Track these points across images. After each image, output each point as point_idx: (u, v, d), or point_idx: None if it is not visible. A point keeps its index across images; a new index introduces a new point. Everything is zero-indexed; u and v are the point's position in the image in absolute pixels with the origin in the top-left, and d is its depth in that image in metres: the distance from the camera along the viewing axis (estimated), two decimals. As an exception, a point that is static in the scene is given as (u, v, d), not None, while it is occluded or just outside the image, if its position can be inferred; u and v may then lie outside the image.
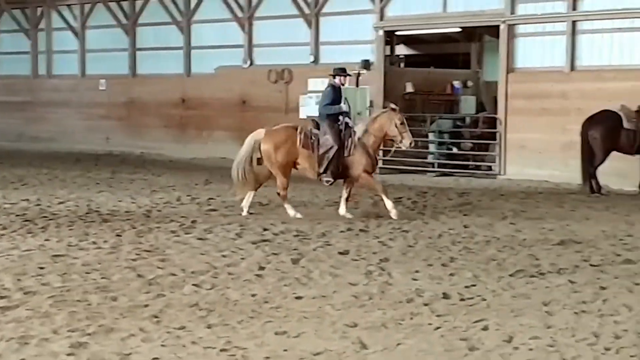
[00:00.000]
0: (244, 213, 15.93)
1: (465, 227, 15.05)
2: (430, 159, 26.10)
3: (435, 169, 25.52)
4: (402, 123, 15.68)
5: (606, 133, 19.97)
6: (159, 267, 11.09)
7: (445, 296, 9.73)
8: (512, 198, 19.42)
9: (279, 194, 16.20)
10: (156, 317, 8.62)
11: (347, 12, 27.00)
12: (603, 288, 10.23)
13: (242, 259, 11.78)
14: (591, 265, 11.72)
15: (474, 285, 10.31)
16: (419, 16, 26.03)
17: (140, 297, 9.47)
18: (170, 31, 31.40)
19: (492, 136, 24.81)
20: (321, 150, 15.64)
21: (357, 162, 15.76)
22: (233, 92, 29.57)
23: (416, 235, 14.03)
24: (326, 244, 13.05)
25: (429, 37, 29.77)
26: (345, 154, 15.71)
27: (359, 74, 26.41)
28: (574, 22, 23.00)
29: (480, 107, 27.18)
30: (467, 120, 26.62)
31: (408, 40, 30.16)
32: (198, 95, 30.67)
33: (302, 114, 27.78)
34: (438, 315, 8.85)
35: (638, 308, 9.22)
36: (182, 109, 31.31)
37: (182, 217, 15.66)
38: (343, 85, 16.65)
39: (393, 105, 16.11)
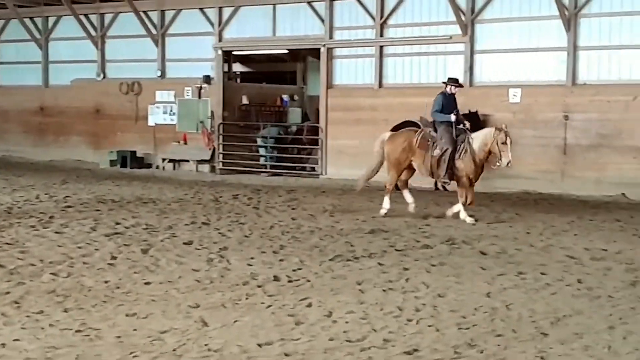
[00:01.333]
0: (384, 211, 15.71)
1: (293, 219, 15.08)
2: (263, 161, 26.10)
3: (268, 170, 25.52)
4: (503, 143, 14.68)
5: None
6: (19, 258, 10.65)
7: (276, 279, 9.74)
8: (331, 194, 19.58)
9: (385, 186, 16.02)
10: (17, 302, 8.31)
11: (190, 34, 26.75)
12: (406, 269, 10.46)
13: (96, 249, 11.43)
14: (396, 250, 11.95)
15: (300, 269, 10.37)
16: (252, 39, 26.06)
17: (2, 285, 9.07)
18: (30, 47, 30.38)
19: (315, 142, 24.98)
20: (437, 153, 15.16)
21: (463, 167, 15.04)
22: (87, 102, 28.85)
23: (251, 227, 13.95)
24: (172, 236, 12.82)
25: (261, 57, 29.85)
26: (457, 157, 15.08)
27: (200, 88, 26.24)
28: (381, 47, 23.48)
29: (305, 117, 27.42)
30: (294, 128, 26.75)
31: (244, 59, 30.15)
32: (55, 105, 29.81)
33: (151, 122, 27.46)
34: (269, 295, 8.86)
35: (434, 285, 9.49)
36: (41, 116, 30.36)
37: (41, 213, 15.06)
38: (454, 94, 15.76)
39: (503, 126, 15.02)
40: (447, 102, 15.50)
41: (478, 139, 15.04)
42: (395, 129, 20.53)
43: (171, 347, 6.80)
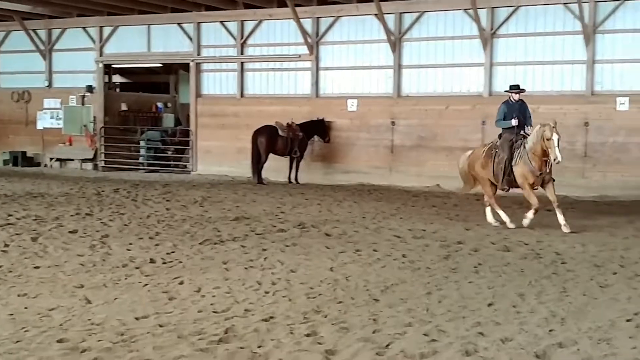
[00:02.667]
0: (494, 224, 13.20)
1: (167, 209, 14.85)
2: (141, 159, 25.66)
3: (145, 167, 25.11)
4: (548, 139, 12.37)
5: (268, 140, 20.55)
6: None
7: (152, 261, 9.58)
8: (201, 188, 19.39)
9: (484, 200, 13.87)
10: None
11: (75, 49, 26.00)
12: (264, 250, 10.47)
13: (-10, 238, 10.93)
14: (256, 234, 11.92)
15: (173, 252, 10.21)
16: (129, 54, 25.55)
17: None
18: None
19: (187, 143, 24.74)
20: (497, 161, 13.29)
21: (520, 172, 12.95)
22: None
23: (130, 217, 13.64)
24: (59, 225, 12.38)
25: (138, 70, 29.28)
26: (513, 164, 13.06)
27: (84, 96, 25.64)
28: (242, 63, 23.44)
29: (177, 122, 27.13)
30: (169, 131, 26.44)
31: (122, 72, 29.47)
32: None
33: (39, 126, 26.56)
34: (146, 276, 8.71)
35: (288, 262, 9.54)
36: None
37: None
38: (516, 101, 13.53)
39: (550, 123, 12.53)
40: (511, 110, 13.37)
41: (529, 141, 12.92)
42: (255, 132, 20.64)
43: (58, 322, 6.59)
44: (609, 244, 11.29)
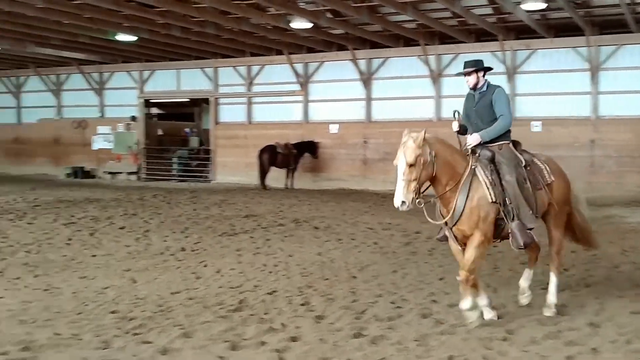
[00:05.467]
0: None
1: (194, 210, 14.77)
2: (173, 172, 25.51)
3: (176, 178, 24.97)
4: None
5: (270, 156, 20.51)
6: (1, 242, 9.95)
7: (183, 249, 9.55)
8: (219, 193, 19.31)
9: None
10: (0, 272, 7.77)
11: (121, 88, 25.88)
12: (268, 240, 10.46)
13: (57, 234, 10.84)
14: (262, 227, 11.89)
15: (199, 242, 10.18)
16: (163, 91, 25.39)
17: (-11, 261, 8.47)
18: (7, 97, 28.55)
19: (208, 159, 24.68)
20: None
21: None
22: (49, 134, 27.31)
23: (166, 216, 13.57)
24: (111, 223, 12.25)
25: (170, 103, 29.08)
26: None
27: (129, 124, 25.51)
28: (249, 97, 23.39)
29: (201, 143, 26.97)
30: (194, 150, 26.32)
31: (159, 105, 29.27)
32: (27, 137, 28.00)
33: (94, 147, 26.17)
34: (178, 260, 8.69)
35: (286, 249, 9.55)
36: (17, 144, 28.36)
37: (17, 210, 14.16)
38: (476, 89, 6.32)
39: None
40: (468, 105, 6.39)
41: None
42: (260, 150, 20.61)
43: (111, 298, 6.58)
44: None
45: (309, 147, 21.48)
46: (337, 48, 21.37)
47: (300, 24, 17.08)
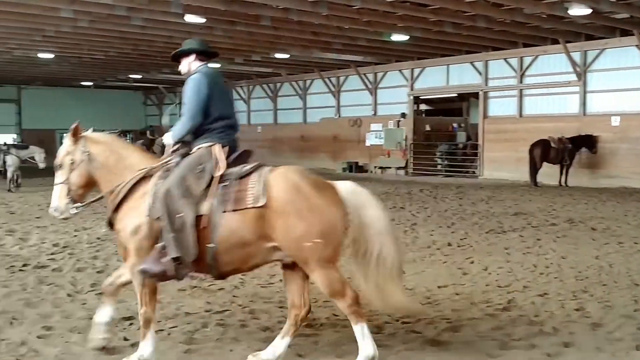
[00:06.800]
0: None
1: (460, 205, 14.68)
2: (439, 167, 25.67)
3: (443, 173, 25.06)
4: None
5: (542, 151, 19.56)
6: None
7: (449, 244, 9.59)
8: (487, 189, 18.97)
9: None
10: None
11: (393, 86, 27.01)
12: (539, 239, 9.99)
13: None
14: (532, 226, 11.41)
15: (465, 238, 10.11)
16: (432, 88, 25.85)
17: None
18: (296, 99, 31.73)
19: (475, 154, 24.42)
20: None
21: None
22: (329, 132, 29.67)
23: (432, 210, 13.67)
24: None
25: (438, 99, 29.41)
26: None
27: (399, 121, 26.46)
28: (521, 90, 22.55)
29: (468, 138, 26.79)
30: (461, 145, 26.24)
31: (427, 101, 29.82)
32: (310, 134, 30.74)
33: (367, 143, 27.71)
34: (445, 255, 8.75)
35: (559, 250, 9.03)
36: (302, 141, 31.40)
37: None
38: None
39: None
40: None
41: None
42: (532, 145, 19.75)
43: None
44: None
45: (587, 142, 19.92)
46: (620, 34, 19.43)
47: (578, 10, 15.98)
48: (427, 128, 27.01)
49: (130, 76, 32.18)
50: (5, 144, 19.72)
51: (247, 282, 6.94)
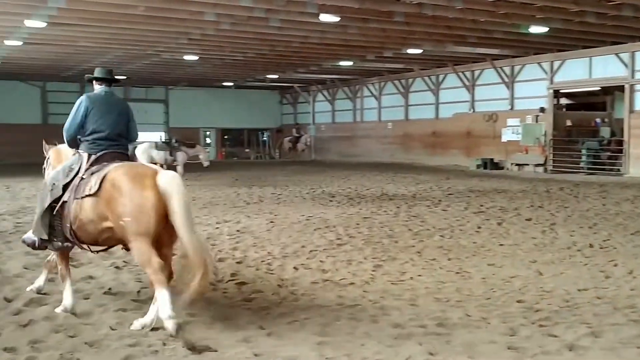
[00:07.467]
0: None
1: (603, 205, 13.83)
2: (581, 164, 24.30)
3: (585, 170, 23.67)
4: None
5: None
6: (419, 225, 11.04)
7: (591, 245, 9.12)
8: (633, 188, 17.72)
9: None
10: (419, 252, 8.62)
11: (531, 80, 25.95)
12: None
13: (468, 222, 11.44)
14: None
15: (608, 240, 9.51)
16: (574, 81, 24.50)
17: (410, 241, 9.48)
18: (428, 94, 31.35)
19: (620, 151, 22.83)
20: None
21: None
22: (462, 127, 29.05)
23: (573, 210, 13.01)
24: (518, 214, 12.36)
25: (580, 93, 27.79)
26: None
27: (537, 115, 25.36)
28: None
29: (612, 134, 25.07)
30: (605, 141, 24.62)
31: (568, 95, 28.29)
32: (443, 130, 30.28)
33: (503, 139, 26.89)
34: (586, 257, 8.32)
35: None
36: (434, 137, 30.97)
37: (433, 198, 15.51)
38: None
39: None
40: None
41: None
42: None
43: (517, 287, 6.70)
44: None
45: None
46: None
47: None
48: (568, 123, 25.67)
49: (268, 76, 33.42)
50: (176, 141, 20.82)
51: (378, 278, 7.06)
